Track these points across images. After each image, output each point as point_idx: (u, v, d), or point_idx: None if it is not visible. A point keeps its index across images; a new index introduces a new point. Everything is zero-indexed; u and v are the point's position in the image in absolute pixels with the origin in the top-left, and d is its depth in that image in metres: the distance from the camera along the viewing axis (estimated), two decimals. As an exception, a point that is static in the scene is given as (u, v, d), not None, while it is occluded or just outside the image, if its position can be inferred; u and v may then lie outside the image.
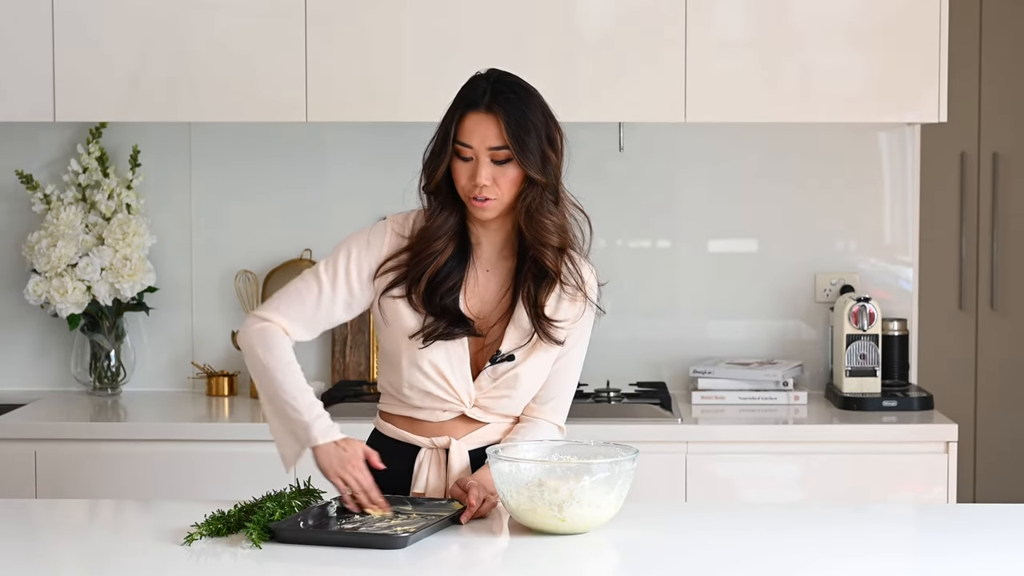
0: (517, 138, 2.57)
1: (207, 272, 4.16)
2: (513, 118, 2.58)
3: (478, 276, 2.69)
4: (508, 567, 2.40)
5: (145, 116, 3.86)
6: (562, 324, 2.68)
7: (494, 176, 2.59)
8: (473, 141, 2.59)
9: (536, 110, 2.61)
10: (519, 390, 2.69)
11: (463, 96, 2.63)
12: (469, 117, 2.60)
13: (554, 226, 2.63)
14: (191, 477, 3.62)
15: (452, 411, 2.70)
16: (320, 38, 3.77)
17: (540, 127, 2.60)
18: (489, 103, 2.59)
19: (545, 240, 2.63)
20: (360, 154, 4.14)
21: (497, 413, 2.71)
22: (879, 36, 3.78)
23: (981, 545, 2.47)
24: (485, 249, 2.70)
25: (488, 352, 2.69)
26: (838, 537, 2.53)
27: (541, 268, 2.66)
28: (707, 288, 4.16)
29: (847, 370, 3.90)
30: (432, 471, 2.70)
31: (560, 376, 2.74)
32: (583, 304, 2.71)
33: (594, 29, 3.80)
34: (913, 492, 3.61)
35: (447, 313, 2.64)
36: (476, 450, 2.70)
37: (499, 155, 2.59)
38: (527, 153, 2.58)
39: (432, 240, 2.65)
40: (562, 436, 2.77)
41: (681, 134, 4.11)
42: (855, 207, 4.13)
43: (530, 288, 2.66)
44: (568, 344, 2.72)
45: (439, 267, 2.64)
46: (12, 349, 4.18)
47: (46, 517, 2.73)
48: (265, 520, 2.44)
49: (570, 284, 2.68)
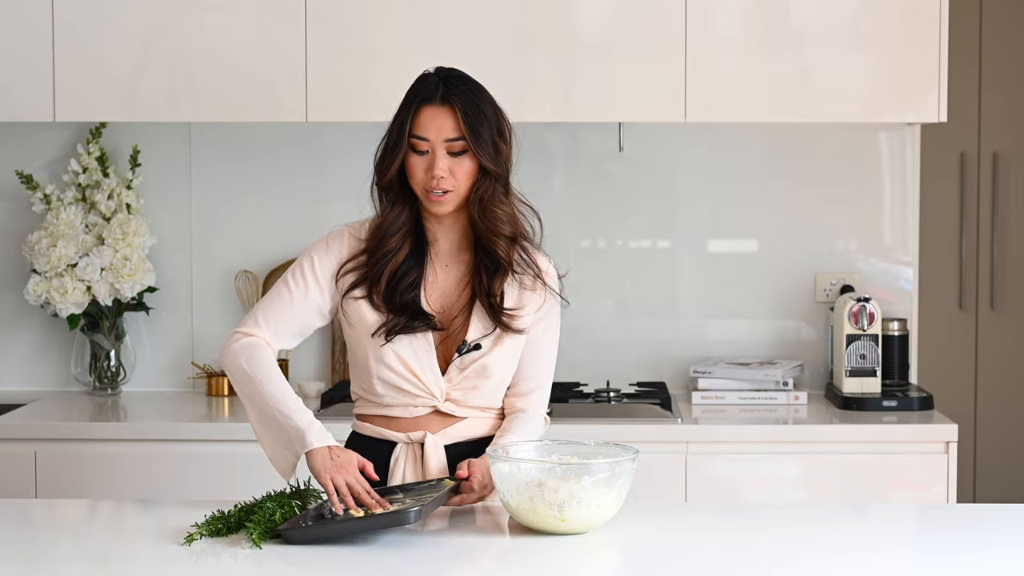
0: (472, 129, 2.63)
1: (207, 272, 4.16)
2: (467, 109, 2.64)
3: (437, 272, 2.73)
4: (508, 567, 2.40)
5: (145, 116, 3.86)
6: (520, 313, 2.71)
7: (451, 167, 2.63)
8: (429, 134, 2.64)
9: (486, 103, 2.67)
10: (489, 380, 2.72)
11: (415, 91, 2.69)
12: (424, 111, 2.65)
13: (506, 216, 2.69)
14: (191, 477, 3.63)
15: (424, 406, 2.71)
16: (320, 38, 3.77)
17: (491, 118, 2.66)
18: (444, 95, 2.65)
19: (498, 230, 2.68)
20: (360, 154, 4.12)
21: (470, 406, 2.73)
22: (879, 36, 3.78)
23: (981, 545, 2.47)
24: (442, 245, 2.74)
25: (454, 344, 2.72)
26: (838, 537, 2.53)
27: (494, 260, 2.70)
28: (707, 288, 4.16)
29: (847, 370, 3.90)
30: (408, 466, 2.72)
31: (537, 366, 2.77)
32: (544, 292, 2.74)
33: (594, 29, 3.80)
34: (913, 492, 3.61)
35: (407, 309, 2.68)
36: (453, 445, 2.72)
37: (455, 146, 2.64)
38: (481, 143, 2.64)
39: (387, 237, 2.70)
40: (547, 425, 2.81)
41: (681, 134, 4.11)
42: (855, 207, 4.13)
43: (484, 280, 2.70)
44: (536, 333, 2.75)
45: (397, 265, 2.69)
46: (12, 349, 4.18)
47: (46, 517, 2.73)
48: (265, 520, 2.44)
49: (527, 274, 2.72)
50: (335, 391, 3.92)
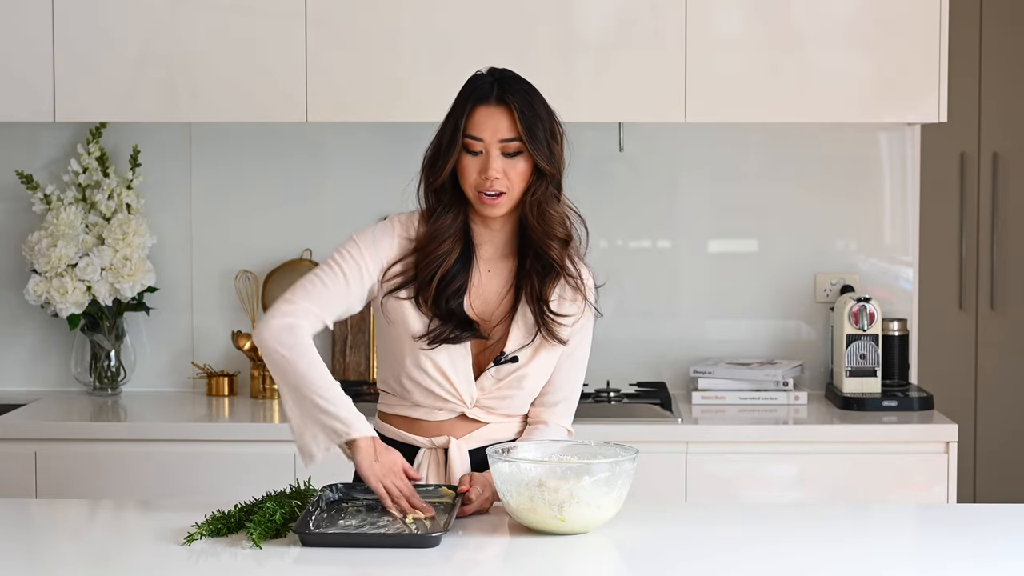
0: (528, 129, 2.60)
1: (207, 272, 4.16)
2: (524, 109, 2.60)
3: (481, 277, 2.70)
4: (508, 567, 2.40)
5: (145, 116, 3.86)
6: (565, 321, 2.69)
7: (504, 169, 2.60)
8: (484, 134, 2.60)
9: (540, 104, 2.64)
10: (523, 391, 2.70)
11: (470, 91, 2.64)
12: (479, 110, 2.61)
13: (560, 218, 2.66)
14: (191, 477, 3.62)
15: (452, 411, 2.69)
16: (320, 38, 3.77)
17: (545, 120, 2.63)
18: (500, 95, 2.61)
19: (553, 232, 2.65)
20: (360, 154, 4.15)
21: (499, 413, 2.71)
22: (879, 36, 3.78)
23: (981, 545, 2.47)
24: (487, 249, 2.70)
25: (491, 352, 2.69)
26: (838, 537, 2.53)
27: (544, 264, 2.67)
28: (707, 288, 4.16)
29: (847, 370, 3.90)
30: (431, 471, 2.70)
31: (566, 378, 2.74)
32: (583, 304, 2.72)
33: (594, 29, 3.80)
34: (913, 492, 3.61)
35: (453, 316, 2.64)
36: (477, 450, 2.71)
37: (510, 147, 2.60)
38: (537, 144, 2.60)
39: (439, 242, 2.65)
40: (571, 439, 2.76)
41: (681, 134, 4.11)
42: (855, 207, 4.13)
43: (534, 284, 2.67)
44: (572, 345, 2.72)
45: (447, 269, 2.64)
46: (12, 349, 4.18)
47: (46, 517, 2.72)
48: (265, 520, 2.44)
49: (571, 283, 2.69)
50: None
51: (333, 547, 2.39)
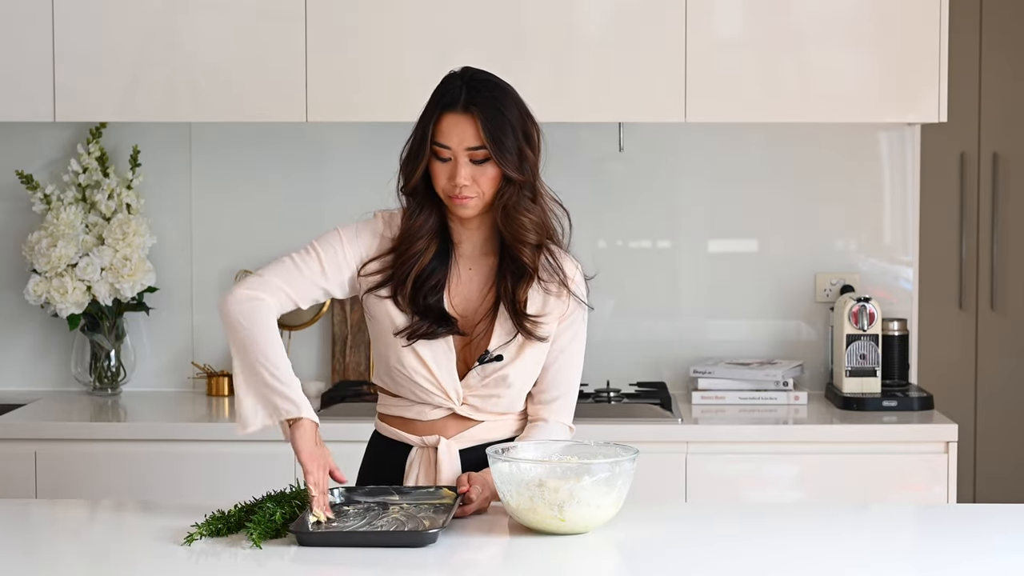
0: (494, 138, 2.58)
1: (207, 272, 4.16)
2: (490, 118, 2.59)
3: (460, 274, 2.71)
4: (508, 567, 2.40)
5: (145, 116, 3.86)
6: (544, 320, 2.68)
7: (473, 175, 2.60)
8: (451, 142, 2.60)
9: (512, 107, 2.62)
10: (510, 388, 2.70)
11: (438, 96, 2.64)
12: (446, 118, 2.61)
13: (531, 223, 2.65)
14: (191, 477, 3.63)
15: (442, 407, 2.70)
16: (320, 38, 3.77)
17: (516, 125, 2.61)
18: (466, 103, 2.60)
19: (523, 238, 2.64)
20: (360, 154, 4.14)
21: (489, 411, 2.72)
22: (879, 36, 3.78)
23: (981, 545, 2.47)
24: (466, 247, 2.71)
25: (476, 349, 2.70)
26: (838, 537, 2.53)
27: (519, 266, 2.67)
28: (707, 288, 4.16)
29: (847, 370, 3.90)
30: (421, 470, 2.71)
31: (562, 374, 2.74)
32: (569, 299, 2.71)
33: (594, 29, 3.80)
34: (913, 492, 3.61)
35: (431, 312, 2.65)
36: (471, 449, 2.71)
37: (477, 155, 2.60)
38: (504, 152, 2.59)
39: (413, 241, 2.66)
40: (572, 435, 2.77)
41: (681, 134, 4.11)
42: (855, 207, 4.13)
43: (508, 285, 2.67)
44: (564, 340, 2.72)
45: (423, 267, 2.66)
46: (12, 349, 4.18)
47: (46, 517, 2.72)
48: (265, 520, 2.44)
49: (553, 281, 2.68)
50: (335, 391, 3.92)
51: (331, 547, 2.39)
